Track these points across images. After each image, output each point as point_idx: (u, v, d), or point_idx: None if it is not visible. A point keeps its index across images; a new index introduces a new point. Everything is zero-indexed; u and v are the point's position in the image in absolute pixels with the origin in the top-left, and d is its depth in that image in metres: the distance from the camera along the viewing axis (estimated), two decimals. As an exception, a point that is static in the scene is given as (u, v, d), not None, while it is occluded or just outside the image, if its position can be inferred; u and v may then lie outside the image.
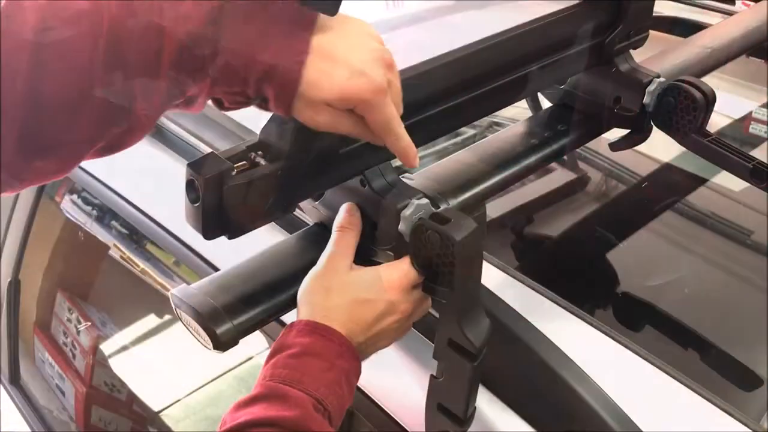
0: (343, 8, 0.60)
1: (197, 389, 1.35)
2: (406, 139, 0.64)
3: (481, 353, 0.67)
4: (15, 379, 1.63)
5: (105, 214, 1.36)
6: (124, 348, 1.45)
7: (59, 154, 0.56)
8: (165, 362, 1.43)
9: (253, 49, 0.56)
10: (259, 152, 0.64)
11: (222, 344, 0.64)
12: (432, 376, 0.70)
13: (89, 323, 1.46)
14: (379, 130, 0.62)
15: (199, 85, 0.57)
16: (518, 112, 1.26)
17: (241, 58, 0.56)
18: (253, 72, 0.56)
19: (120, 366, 1.45)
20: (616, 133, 1.01)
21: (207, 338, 0.64)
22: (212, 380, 1.34)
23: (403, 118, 0.64)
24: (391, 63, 0.61)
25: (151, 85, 0.55)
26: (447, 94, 0.76)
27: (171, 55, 0.55)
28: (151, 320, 1.44)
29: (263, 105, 0.60)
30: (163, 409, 1.38)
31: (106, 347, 1.47)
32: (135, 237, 1.28)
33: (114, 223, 1.34)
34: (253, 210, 0.63)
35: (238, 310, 0.67)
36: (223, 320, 0.65)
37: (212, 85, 0.57)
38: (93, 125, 0.55)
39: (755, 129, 1.42)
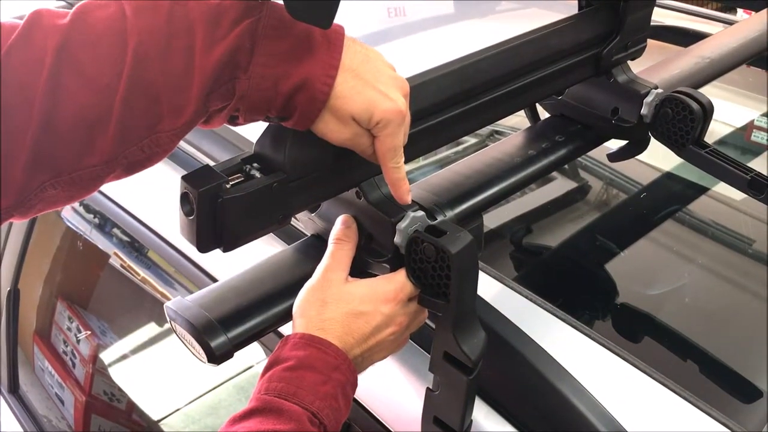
0: (346, 16, 0.60)
1: (197, 398, 1.35)
2: (403, 172, 0.66)
3: (477, 366, 0.66)
4: (14, 388, 1.63)
5: (106, 222, 1.36)
6: (124, 357, 1.45)
7: (74, 180, 0.56)
8: (165, 371, 1.43)
9: (285, 64, 0.58)
10: (255, 165, 0.64)
11: (216, 358, 0.64)
12: (428, 389, 0.70)
13: (89, 332, 1.46)
14: (385, 153, 0.64)
15: (226, 103, 0.58)
16: (520, 120, 1.26)
17: (274, 74, 0.58)
18: (284, 86, 0.58)
19: (120, 375, 1.45)
20: (616, 143, 1.01)
21: (201, 351, 0.64)
22: (212, 389, 1.33)
23: None
24: (407, 92, 0.65)
25: (178, 106, 0.56)
26: (444, 105, 0.76)
27: (201, 77, 0.56)
28: (151, 329, 1.44)
29: (281, 120, 0.62)
30: (163, 418, 1.37)
31: (106, 356, 1.46)
32: (136, 245, 1.28)
33: (115, 231, 1.34)
34: (248, 223, 0.63)
35: (234, 323, 0.66)
36: (218, 333, 0.65)
37: (240, 101, 0.58)
38: (110, 148, 0.56)
39: (757, 137, 1.42)
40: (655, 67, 1.04)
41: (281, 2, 0.58)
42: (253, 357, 1.16)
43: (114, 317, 1.50)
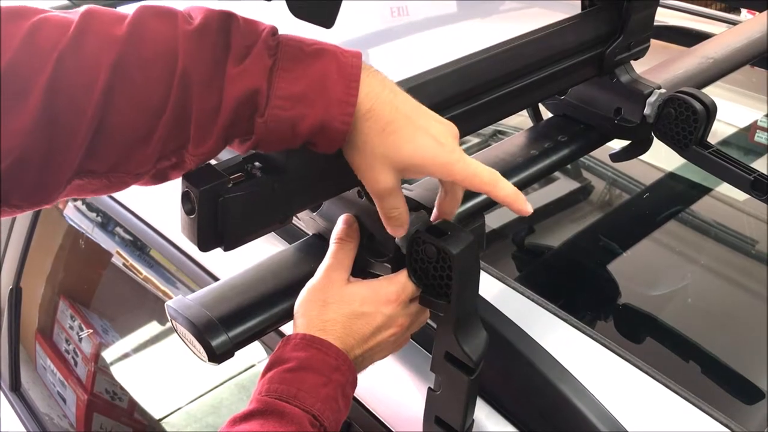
0: (350, 15, 0.60)
1: (199, 397, 1.35)
2: (507, 187, 0.64)
3: (478, 367, 0.66)
4: (16, 387, 1.63)
5: (108, 220, 1.36)
6: (126, 355, 1.45)
7: (102, 178, 0.57)
8: (167, 370, 1.43)
9: (301, 106, 0.57)
10: (256, 164, 0.64)
11: (217, 357, 0.64)
12: (429, 389, 0.70)
13: (91, 330, 1.46)
14: (476, 186, 0.63)
15: (246, 139, 0.59)
16: (522, 120, 1.26)
17: (290, 117, 0.58)
18: (301, 129, 0.58)
19: (122, 373, 1.45)
20: (619, 143, 1.01)
21: (202, 350, 0.64)
22: (214, 388, 1.33)
23: None
24: (457, 134, 0.64)
25: (203, 136, 0.57)
26: (446, 104, 0.76)
27: (225, 111, 0.56)
28: (153, 328, 1.44)
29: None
30: (165, 417, 1.37)
31: (108, 354, 1.47)
32: (139, 243, 1.29)
33: (118, 229, 1.34)
34: (249, 222, 0.62)
35: (234, 322, 0.66)
36: (219, 332, 0.65)
37: (259, 142, 0.59)
38: (146, 161, 0.57)
39: (760, 137, 1.42)
40: (658, 67, 1.04)
41: (292, 38, 0.58)
42: (255, 356, 1.16)
43: (116, 316, 1.50)
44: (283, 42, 0.58)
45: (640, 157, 1.01)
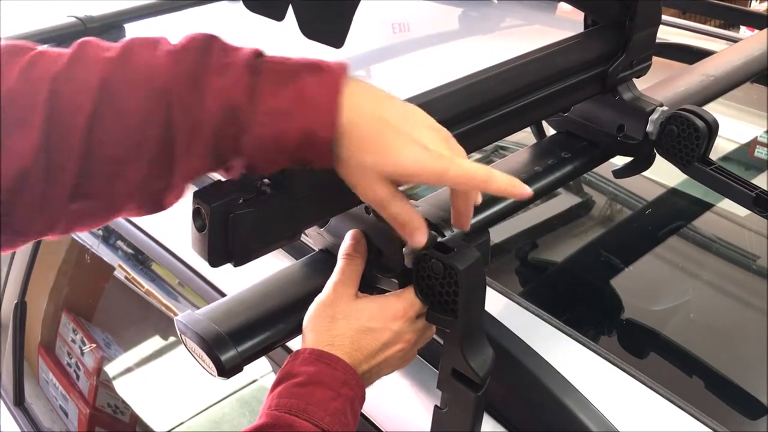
0: (352, 33, 0.61)
1: (201, 412, 1.35)
2: (502, 177, 0.63)
3: (485, 383, 0.67)
4: (19, 401, 1.63)
5: (111, 234, 1.36)
6: (128, 369, 1.45)
7: (95, 206, 0.59)
8: (169, 384, 1.43)
9: (284, 121, 0.58)
10: (265, 180, 0.64)
11: (226, 371, 0.64)
12: (436, 406, 0.70)
13: (93, 344, 1.47)
14: (472, 187, 0.63)
15: (237, 158, 0.59)
16: (525, 136, 1.27)
17: (274, 133, 0.58)
18: (287, 143, 0.58)
19: (124, 387, 1.45)
20: (621, 159, 1.01)
21: (211, 365, 0.65)
22: (216, 403, 1.33)
23: None
24: (449, 137, 0.64)
25: (189, 154, 0.58)
26: (452, 122, 0.76)
27: (208, 129, 0.57)
28: (155, 342, 1.44)
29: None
30: (167, 432, 1.37)
31: (110, 368, 1.47)
32: (140, 257, 1.29)
33: (120, 243, 1.34)
34: (259, 238, 0.63)
35: (243, 337, 0.67)
36: (228, 347, 0.65)
37: (250, 159, 0.59)
38: (133, 185, 0.58)
39: (760, 153, 1.43)
40: (660, 85, 1.05)
41: (276, 57, 0.59)
42: (257, 371, 1.16)
43: (118, 330, 1.51)
44: (267, 60, 0.59)
45: (642, 173, 1.02)
